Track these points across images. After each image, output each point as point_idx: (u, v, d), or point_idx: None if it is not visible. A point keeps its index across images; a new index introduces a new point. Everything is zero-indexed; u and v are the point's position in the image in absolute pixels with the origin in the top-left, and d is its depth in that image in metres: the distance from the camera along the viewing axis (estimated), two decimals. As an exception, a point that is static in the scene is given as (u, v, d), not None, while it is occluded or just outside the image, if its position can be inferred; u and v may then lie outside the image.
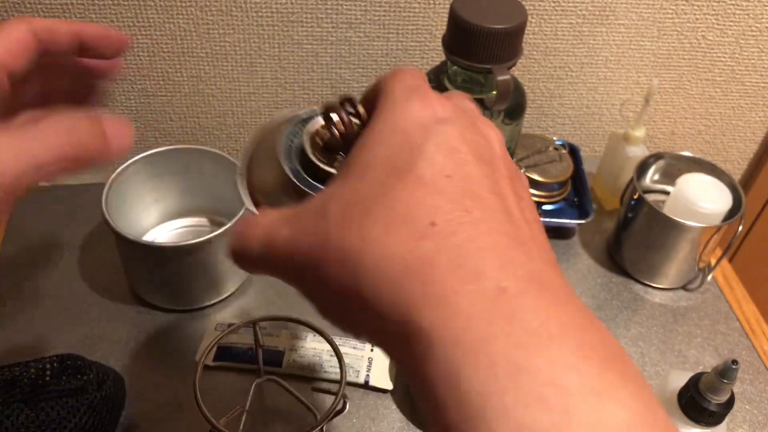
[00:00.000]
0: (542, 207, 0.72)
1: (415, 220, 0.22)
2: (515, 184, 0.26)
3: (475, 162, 0.24)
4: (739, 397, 0.59)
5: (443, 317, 0.21)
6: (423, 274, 0.21)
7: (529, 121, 0.82)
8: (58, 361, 0.49)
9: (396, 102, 0.26)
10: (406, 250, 0.22)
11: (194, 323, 0.61)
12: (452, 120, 0.25)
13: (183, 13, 0.67)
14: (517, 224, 0.24)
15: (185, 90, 0.73)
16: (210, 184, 0.64)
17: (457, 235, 0.22)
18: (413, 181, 0.23)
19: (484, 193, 0.24)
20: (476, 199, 0.23)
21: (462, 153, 0.24)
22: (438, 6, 0.69)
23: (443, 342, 0.20)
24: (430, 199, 0.23)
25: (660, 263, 0.66)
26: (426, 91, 0.26)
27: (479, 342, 0.20)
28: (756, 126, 0.85)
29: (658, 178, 0.72)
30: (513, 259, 0.22)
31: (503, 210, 0.24)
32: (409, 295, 0.21)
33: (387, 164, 0.24)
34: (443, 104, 0.26)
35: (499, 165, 0.26)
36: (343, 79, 0.74)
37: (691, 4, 0.72)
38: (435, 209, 0.23)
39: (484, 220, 0.23)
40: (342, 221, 0.23)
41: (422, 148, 0.24)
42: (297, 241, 0.24)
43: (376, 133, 0.25)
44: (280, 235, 0.25)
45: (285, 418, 0.55)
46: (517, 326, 0.20)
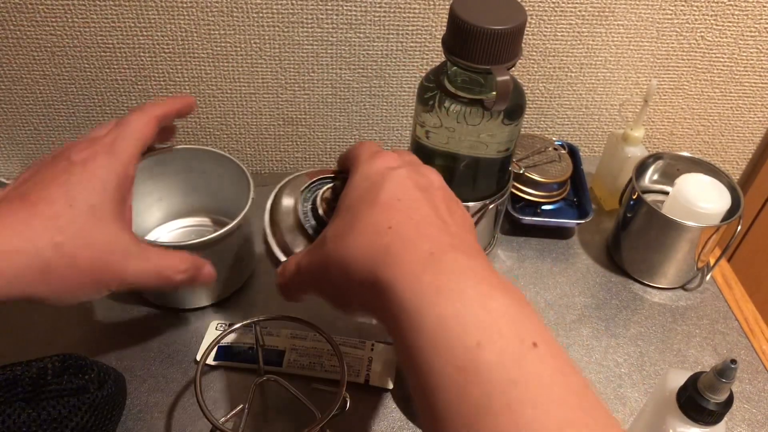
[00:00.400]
0: (541, 207, 0.72)
1: (378, 226, 0.37)
2: (449, 203, 0.41)
3: (418, 190, 0.39)
4: (738, 396, 0.59)
5: (396, 273, 0.34)
6: (384, 253, 0.36)
7: (529, 121, 0.82)
8: (60, 361, 0.50)
9: (363, 162, 0.42)
10: (373, 242, 0.36)
11: (195, 323, 0.62)
12: (401, 167, 0.41)
13: (184, 13, 0.67)
14: (446, 223, 0.38)
15: (186, 90, 0.73)
16: (213, 184, 0.64)
17: (404, 230, 0.36)
18: (377, 206, 0.38)
19: (423, 207, 0.38)
20: (417, 210, 0.38)
21: (408, 185, 0.39)
22: (438, 7, 0.69)
23: (397, 286, 0.34)
24: (387, 214, 0.37)
25: (659, 263, 0.66)
26: (383, 152, 0.43)
27: (417, 281, 0.34)
28: (755, 126, 0.85)
29: (657, 178, 0.72)
30: (440, 239, 0.36)
31: (436, 216, 0.38)
32: (376, 266, 0.35)
33: (360, 200, 0.39)
34: (395, 158, 0.42)
35: (436, 191, 0.41)
36: (343, 80, 0.74)
37: (690, 5, 0.73)
38: (390, 219, 0.37)
39: (422, 221, 0.37)
40: (335, 240, 0.39)
41: (381, 185, 0.39)
42: (313, 263, 0.41)
43: (352, 184, 0.41)
44: (303, 262, 0.42)
45: (285, 418, 0.55)
46: (439, 269, 0.34)
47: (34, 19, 0.65)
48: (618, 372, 0.61)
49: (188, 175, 0.64)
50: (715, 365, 0.42)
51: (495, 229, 0.68)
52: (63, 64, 0.69)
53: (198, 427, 0.54)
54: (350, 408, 0.52)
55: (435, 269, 0.34)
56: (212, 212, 0.68)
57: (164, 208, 0.66)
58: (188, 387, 0.57)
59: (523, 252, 0.71)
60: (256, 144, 0.79)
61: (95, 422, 0.49)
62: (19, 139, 0.75)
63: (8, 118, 0.73)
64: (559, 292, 0.67)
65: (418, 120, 0.59)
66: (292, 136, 0.79)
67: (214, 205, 0.67)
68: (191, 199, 0.67)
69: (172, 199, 0.66)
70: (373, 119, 0.79)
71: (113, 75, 0.71)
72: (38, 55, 0.68)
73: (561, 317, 0.65)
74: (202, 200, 0.67)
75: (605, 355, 0.62)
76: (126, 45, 0.68)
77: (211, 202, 0.67)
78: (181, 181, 0.65)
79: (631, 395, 0.59)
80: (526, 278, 0.69)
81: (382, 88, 0.76)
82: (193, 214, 0.68)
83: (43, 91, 0.71)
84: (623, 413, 0.58)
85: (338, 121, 0.78)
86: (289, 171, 0.82)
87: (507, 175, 0.64)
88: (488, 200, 0.62)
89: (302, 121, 0.78)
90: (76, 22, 0.66)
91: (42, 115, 0.73)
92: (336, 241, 0.38)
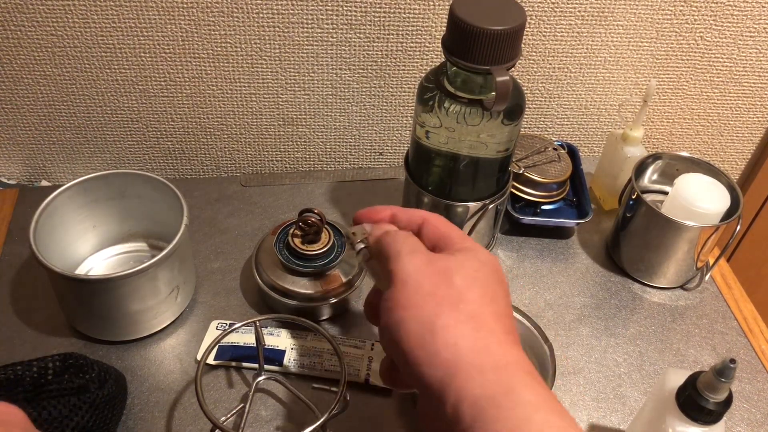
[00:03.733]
0: (541, 207, 0.72)
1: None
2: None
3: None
4: (737, 395, 0.60)
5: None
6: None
7: (528, 121, 0.82)
8: (60, 360, 0.50)
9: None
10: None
11: (195, 323, 0.62)
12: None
13: (184, 14, 0.67)
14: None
15: (187, 91, 0.73)
16: (149, 209, 0.63)
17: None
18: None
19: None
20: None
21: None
22: (438, 7, 0.70)
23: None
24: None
25: (658, 263, 0.67)
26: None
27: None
28: (754, 126, 0.85)
29: (656, 178, 0.72)
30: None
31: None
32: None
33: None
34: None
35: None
36: (343, 80, 0.74)
37: (690, 6, 0.73)
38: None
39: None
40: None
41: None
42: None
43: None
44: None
45: (286, 417, 0.55)
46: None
47: (34, 19, 0.66)
48: (617, 371, 0.61)
49: (122, 200, 0.63)
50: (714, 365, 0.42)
51: (495, 229, 0.68)
52: (63, 64, 0.69)
53: (198, 426, 0.54)
54: (350, 408, 0.52)
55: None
56: (149, 237, 0.67)
57: (99, 235, 0.65)
58: (188, 386, 0.57)
59: (522, 252, 0.71)
60: (256, 144, 0.79)
61: (96, 421, 0.49)
62: (19, 139, 0.75)
63: (8, 118, 0.73)
64: (558, 292, 0.68)
65: (418, 120, 0.59)
66: (292, 136, 0.79)
67: (150, 230, 0.66)
68: (127, 225, 0.66)
69: (107, 225, 0.65)
70: (373, 119, 0.79)
71: (113, 75, 0.71)
72: (38, 55, 0.68)
73: (560, 317, 0.65)
74: (138, 226, 0.66)
75: (605, 355, 0.62)
76: (126, 45, 0.68)
77: (148, 227, 0.66)
78: (115, 207, 0.64)
79: (630, 394, 0.59)
80: (526, 278, 0.69)
81: (382, 88, 0.76)
82: (130, 240, 0.67)
83: (43, 91, 0.71)
84: (622, 412, 0.58)
85: (338, 121, 0.78)
86: (289, 171, 0.82)
87: (507, 175, 0.64)
88: (488, 200, 0.62)
89: (302, 121, 0.78)
90: (77, 23, 0.66)
91: (42, 115, 0.73)
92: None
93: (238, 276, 0.66)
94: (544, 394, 0.34)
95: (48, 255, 0.54)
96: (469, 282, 0.38)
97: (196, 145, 0.78)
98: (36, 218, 0.56)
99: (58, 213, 0.59)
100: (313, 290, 0.60)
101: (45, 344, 0.59)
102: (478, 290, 0.38)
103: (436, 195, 0.62)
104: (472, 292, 0.38)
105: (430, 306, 0.37)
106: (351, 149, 0.81)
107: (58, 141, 0.76)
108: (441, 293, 0.37)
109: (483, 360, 0.35)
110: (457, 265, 0.39)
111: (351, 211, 0.74)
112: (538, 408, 0.33)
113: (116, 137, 0.76)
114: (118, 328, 0.58)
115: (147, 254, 0.66)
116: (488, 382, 0.34)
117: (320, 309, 0.61)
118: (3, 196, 0.73)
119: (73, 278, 0.55)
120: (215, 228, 0.71)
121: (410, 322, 0.37)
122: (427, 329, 0.36)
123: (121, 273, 0.53)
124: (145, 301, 0.57)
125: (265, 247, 0.62)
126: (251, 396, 0.55)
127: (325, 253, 0.60)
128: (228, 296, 0.64)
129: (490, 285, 0.39)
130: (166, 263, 0.56)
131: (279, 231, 0.62)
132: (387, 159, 0.83)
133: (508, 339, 0.37)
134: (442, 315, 0.37)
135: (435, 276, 0.38)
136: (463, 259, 0.40)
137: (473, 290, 0.38)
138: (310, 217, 0.59)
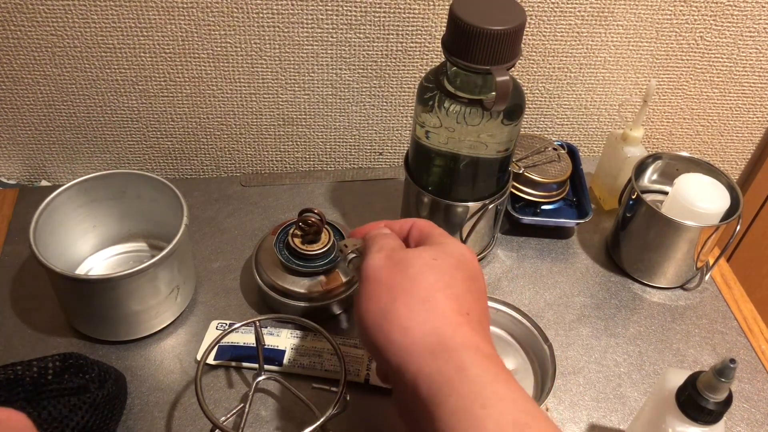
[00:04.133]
0: (541, 207, 0.72)
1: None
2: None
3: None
4: (737, 395, 0.60)
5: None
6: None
7: (528, 121, 0.82)
8: (60, 360, 0.50)
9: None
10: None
11: (195, 323, 0.62)
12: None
13: (184, 14, 0.67)
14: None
15: (187, 91, 0.73)
16: (149, 209, 0.63)
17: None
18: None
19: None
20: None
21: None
22: (437, 7, 0.70)
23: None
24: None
25: (658, 263, 0.67)
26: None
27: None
28: (754, 126, 0.85)
29: (656, 178, 0.72)
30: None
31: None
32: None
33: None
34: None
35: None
36: (343, 80, 0.74)
37: (690, 6, 0.73)
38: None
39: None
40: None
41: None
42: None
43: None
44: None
45: (286, 417, 0.55)
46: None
47: (34, 19, 0.66)
48: (617, 371, 0.61)
49: (122, 200, 0.63)
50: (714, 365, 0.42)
51: (495, 229, 0.68)
52: (63, 65, 0.69)
53: (198, 426, 0.54)
54: (350, 408, 0.52)
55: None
56: (149, 237, 0.67)
57: (99, 236, 0.65)
58: (188, 386, 0.57)
59: (522, 252, 0.71)
60: (256, 144, 0.79)
61: (96, 421, 0.49)
62: (19, 139, 0.75)
63: (8, 118, 0.73)
64: (558, 292, 0.68)
65: (418, 120, 0.59)
66: (292, 136, 0.79)
67: (150, 230, 0.66)
68: (127, 225, 0.66)
69: (107, 225, 0.65)
70: (373, 119, 0.79)
71: (113, 75, 0.71)
72: (39, 56, 0.68)
73: (560, 317, 0.65)
74: (138, 226, 0.66)
75: (604, 355, 0.62)
76: (126, 45, 0.68)
77: (148, 227, 0.66)
78: (115, 207, 0.64)
79: (630, 395, 0.59)
80: (526, 278, 0.69)
81: (382, 88, 0.76)
82: (129, 240, 0.67)
83: (43, 91, 0.71)
84: (622, 413, 0.58)
85: (338, 121, 0.78)
86: (289, 171, 0.82)
87: (507, 175, 0.64)
88: (488, 200, 0.62)
89: (302, 121, 0.78)
90: (77, 23, 0.66)
91: (42, 115, 0.73)
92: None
93: (238, 276, 0.66)
94: (494, 369, 0.37)
95: (48, 255, 0.54)
96: (424, 269, 0.41)
97: (196, 145, 0.78)
98: (36, 218, 0.56)
99: (58, 213, 0.59)
100: (313, 290, 0.60)
101: (45, 344, 0.59)
102: (432, 276, 0.41)
103: (436, 195, 0.62)
104: (425, 278, 0.41)
105: (386, 296, 0.40)
106: (351, 149, 0.81)
107: (58, 141, 0.76)
108: (396, 283, 0.41)
109: (434, 341, 0.38)
110: (415, 256, 0.42)
111: (351, 211, 0.74)
112: (487, 383, 0.36)
113: (116, 137, 0.76)
114: (118, 328, 0.58)
115: (147, 254, 0.66)
116: (440, 362, 0.37)
117: (320, 309, 0.61)
118: (3, 196, 0.73)
119: (73, 278, 0.55)
120: (215, 228, 0.71)
121: (370, 312, 0.40)
122: (383, 317, 0.40)
123: (121, 273, 0.53)
124: (145, 301, 0.57)
125: (265, 247, 0.63)
126: (251, 396, 0.55)
127: (325, 253, 0.60)
128: (228, 296, 0.64)
129: (446, 271, 0.41)
130: (166, 263, 0.56)
131: (279, 231, 0.63)
132: (387, 159, 0.83)
133: (461, 320, 0.39)
134: (396, 302, 0.40)
135: (393, 268, 0.41)
136: (423, 250, 0.43)
137: (427, 276, 0.41)
138: (310, 217, 0.59)
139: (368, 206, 0.75)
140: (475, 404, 0.35)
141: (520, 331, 0.61)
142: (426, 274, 0.41)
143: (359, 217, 0.74)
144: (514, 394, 0.36)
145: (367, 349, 0.42)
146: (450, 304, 0.40)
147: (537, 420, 0.35)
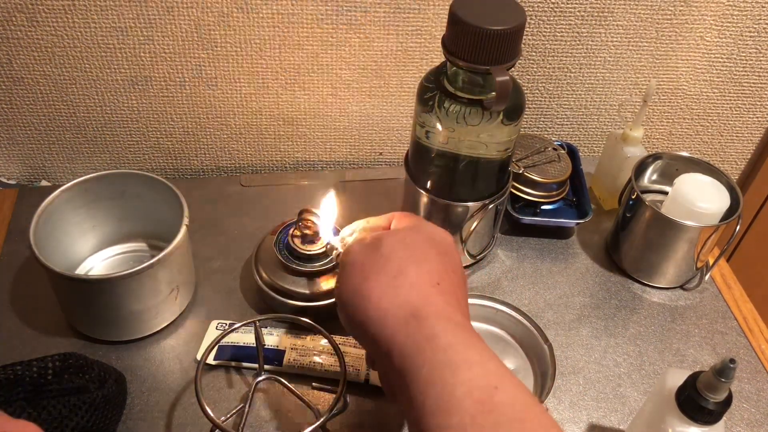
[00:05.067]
0: (541, 207, 0.72)
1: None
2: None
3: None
4: (737, 395, 0.59)
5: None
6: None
7: (528, 121, 0.82)
8: (60, 360, 0.50)
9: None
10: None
11: (195, 323, 0.62)
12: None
13: (184, 14, 0.67)
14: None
15: (187, 91, 0.73)
16: (149, 209, 0.63)
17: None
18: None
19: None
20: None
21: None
22: (438, 7, 0.70)
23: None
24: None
25: (658, 263, 0.67)
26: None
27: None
28: (753, 126, 0.85)
29: (656, 178, 0.72)
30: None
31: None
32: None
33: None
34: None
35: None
36: (343, 80, 0.74)
37: (690, 6, 0.73)
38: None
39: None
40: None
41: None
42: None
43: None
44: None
45: (286, 417, 0.55)
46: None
47: (34, 19, 0.66)
48: (617, 371, 0.61)
49: (122, 200, 0.63)
50: (714, 365, 0.42)
51: (495, 229, 0.68)
52: (63, 65, 0.69)
53: (198, 426, 0.54)
54: (350, 408, 0.52)
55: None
56: (149, 237, 0.67)
57: (99, 236, 0.65)
58: (188, 386, 0.57)
59: (522, 252, 0.71)
60: (256, 144, 0.79)
61: (96, 421, 0.49)
62: (19, 139, 0.75)
63: (8, 118, 0.73)
64: (558, 292, 0.68)
65: (418, 120, 0.59)
66: (292, 136, 0.79)
67: (150, 230, 0.66)
68: (127, 224, 0.65)
69: (107, 226, 0.65)
70: (373, 119, 0.79)
71: (113, 75, 0.71)
72: (38, 56, 0.68)
73: (560, 317, 0.65)
74: (137, 225, 0.66)
75: (604, 355, 0.62)
76: (126, 45, 0.68)
77: (147, 227, 0.66)
78: (114, 207, 0.63)
79: (630, 395, 0.59)
80: (526, 278, 0.69)
81: (382, 88, 0.76)
82: (129, 240, 0.67)
83: (43, 91, 0.71)
84: (622, 413, 0.58)
85: (338, 121, 0.78)
86: (289, 171, 0.82)
87: (506, 175, 0.64)
88: (488, 200, 0.62)
89: (302, 121, 0.78)
90: (76, 23, 0.66)
91: (42, 115, 0.73)
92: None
93: (238, 276, 0.66)
94: (463, 335, 0.39)
95: (48, 255, 0.54)
96: (396, 247, 0.42)
97: (196, 145, 0.78)
98: (36, 218, 0.56)
99: (58, 213, 0.59)
100: (313, 290, 0.60)
101: (45, 344, 0.59)
102: (403, 252, 0.42)
103: (436, 195, 0.62)
104: (396, 254, 0.42)
105: (359, 275, 0.42)
106: (351, 149, 0.81)
107: (58, 141, 0.76)
108: (368, 262, 0.42)
109: (406, 312, 0.39)
110: (386, 236, 0.44)
111: (351, 212, 0.74)
112: (458, 351, 0.37)
113: (116, 137, 0.76)
114: (118, 328, 0.58)
115: (147, 254, 0.66)
116: (411, 331, 0.38)
117: (320, 309, 0.61)
118: (3, 196, 0.73)
119: (73, 278, 0.55)
120: (215, 228, 0.71)
121: (345, 293, 0.42)
122: (358, 294, 0.41)
123: (121, 273, 0.53)
124: (145, 301, 0.57)
125: (265, 247, 0.63)
126: (251, 396, 0.55)
127: (325, 253, 0.60)
128: (228, 296, 0.64)
129: (418, 247, 0.43)
130: (166, 263, 0.56)
131: (279, 231, 0.63)
132: (387, 159, 0.83)
133: (433, 291, 0.41)
134: (369, 279, 0.41)
135: (365, 250, 0.43)
136: (395, 231, 0.45)
137: (398, 252, 0.42)
138: (310, 217, 0.59)
139: (368, 206, 0.75)
140: (445, 372, 0.36)
141: (520, 331, 0.61)
142: (397, 251, 0.42)
143: (359, 217, 0.74)
144: (484, 359, 0.37)
145: (348, 330, 0.43)
146: (421, 276, 0.41)
147: (506, 382, 0.36)
